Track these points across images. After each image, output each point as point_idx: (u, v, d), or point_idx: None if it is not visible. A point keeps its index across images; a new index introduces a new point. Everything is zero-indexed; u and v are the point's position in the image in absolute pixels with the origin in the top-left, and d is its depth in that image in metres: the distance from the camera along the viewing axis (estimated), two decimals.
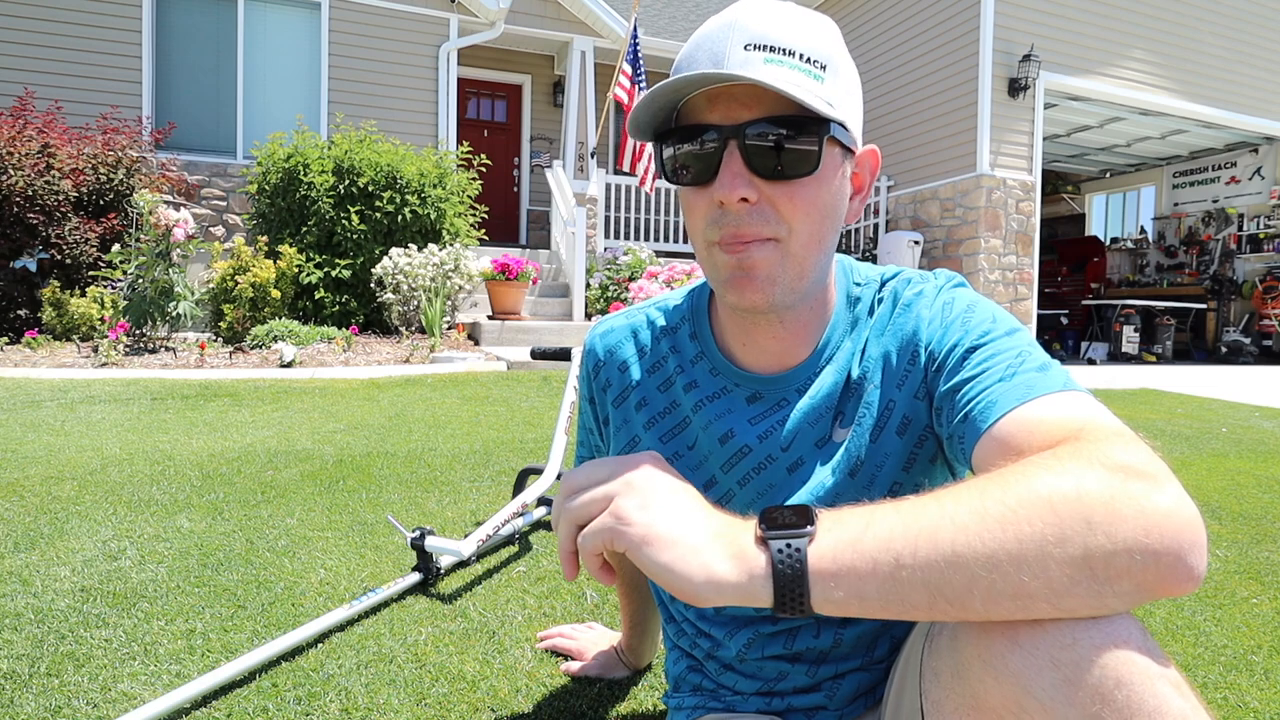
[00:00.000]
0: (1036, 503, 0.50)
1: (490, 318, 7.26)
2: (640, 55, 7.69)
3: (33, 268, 6.02)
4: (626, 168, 7.64)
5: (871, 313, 0.82)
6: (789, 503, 0.80)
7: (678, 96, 0.71)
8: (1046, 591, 0.49)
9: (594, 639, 1.43)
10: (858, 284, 0.84)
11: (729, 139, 0.68)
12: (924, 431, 0.78)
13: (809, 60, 0.68)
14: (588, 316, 7.81)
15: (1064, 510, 0.50)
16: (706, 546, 0.56)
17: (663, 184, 10.37)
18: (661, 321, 0.90)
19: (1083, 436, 0.57)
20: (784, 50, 0.67)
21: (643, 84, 7.67)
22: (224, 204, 8.28)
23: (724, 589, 0.54)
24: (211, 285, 6.25)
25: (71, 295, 5.84)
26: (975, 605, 0.51)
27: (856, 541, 0.53)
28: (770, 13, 0.69)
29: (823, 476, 0.79)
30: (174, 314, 5.70)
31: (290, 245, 6.74)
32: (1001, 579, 0.49)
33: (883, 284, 0.84)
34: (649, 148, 7.54)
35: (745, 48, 0.67)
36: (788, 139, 0.68)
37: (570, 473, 0.64)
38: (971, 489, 0.54)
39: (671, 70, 0.74)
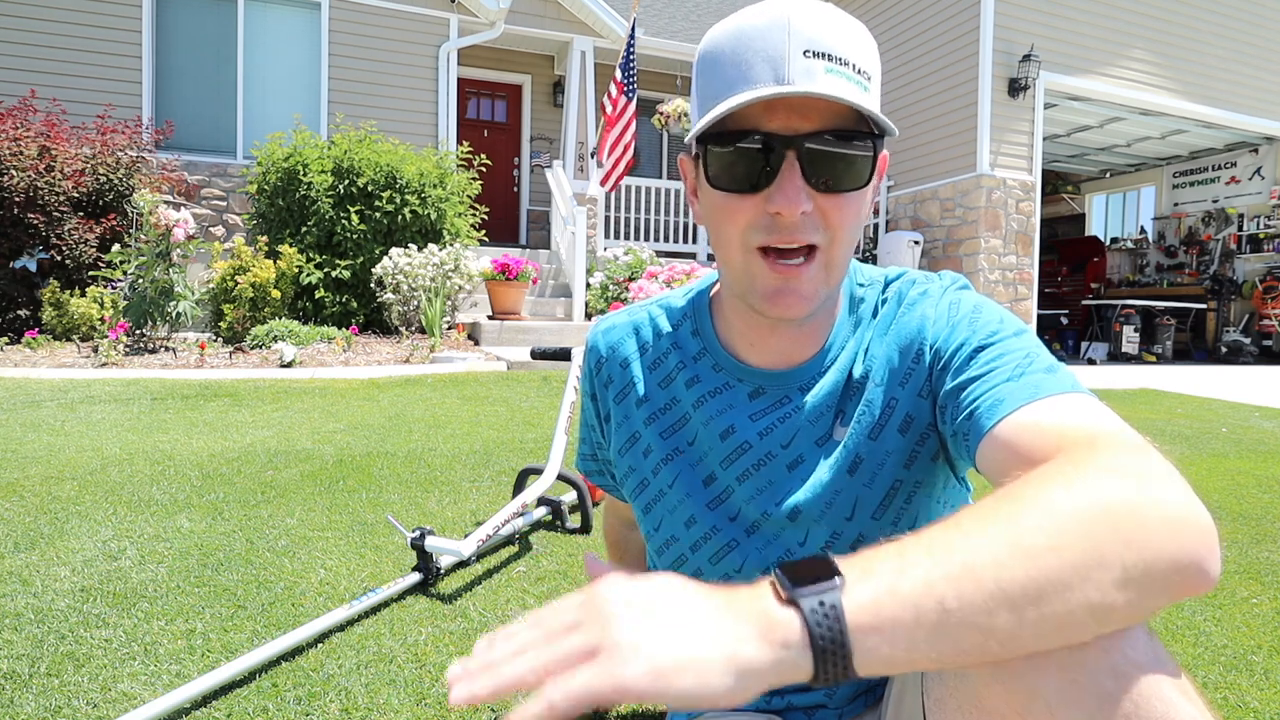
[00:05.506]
0: (1070, 526, 0.48)
1: (490, 318, 7.25)
2: (634, 62, 7.67)
3: (33, 268, 6.02)
4: (602, 163, 7.67)
5: (875, 313, 0.83)
6: (788, 502, 0.80)
7: (738, 105, 0.67)
8: (1089, 615, 0.47)
9: None
10: (861, 284, 0.85)
11: (788, 149, 0.67)
12: (926, 430, 0.78)
13: (859, 71, 0.68)
14: (588, 316, 7.81)
15: (1098, 531, 0.48)
16: (721, 632, 0.46)
17: (661, 184, 10.39)
18: (663, 319, 0.91)
19: (1091, 443, 0.56)
20: (840, 60, 0.67)
21: (633, 91, 7.62)
22: (224, 204, 8.27)
23: (760, 674, 0.46)
24: (211, 285, 6.25)
25: (71, 295, 5.84)
26: (1027, 641, 0.47)
27: (894, 589, 0.46)
28: (822, 16, 0.68)
29: (822, 474, 0.79)
30: (174, 314, 5.70)
31: (290, 245, 6.74)
32: (1050, 610, 0.46)
33: (887, 285, 0.84)
34: (620, 145, 7.48)
35: (805, 54, 0.66)
36: (846, 153, 0.68)
37: (495, 635, 0.50)
38: (998, 518, 0.49)
39: (697, 62, 0.72)
